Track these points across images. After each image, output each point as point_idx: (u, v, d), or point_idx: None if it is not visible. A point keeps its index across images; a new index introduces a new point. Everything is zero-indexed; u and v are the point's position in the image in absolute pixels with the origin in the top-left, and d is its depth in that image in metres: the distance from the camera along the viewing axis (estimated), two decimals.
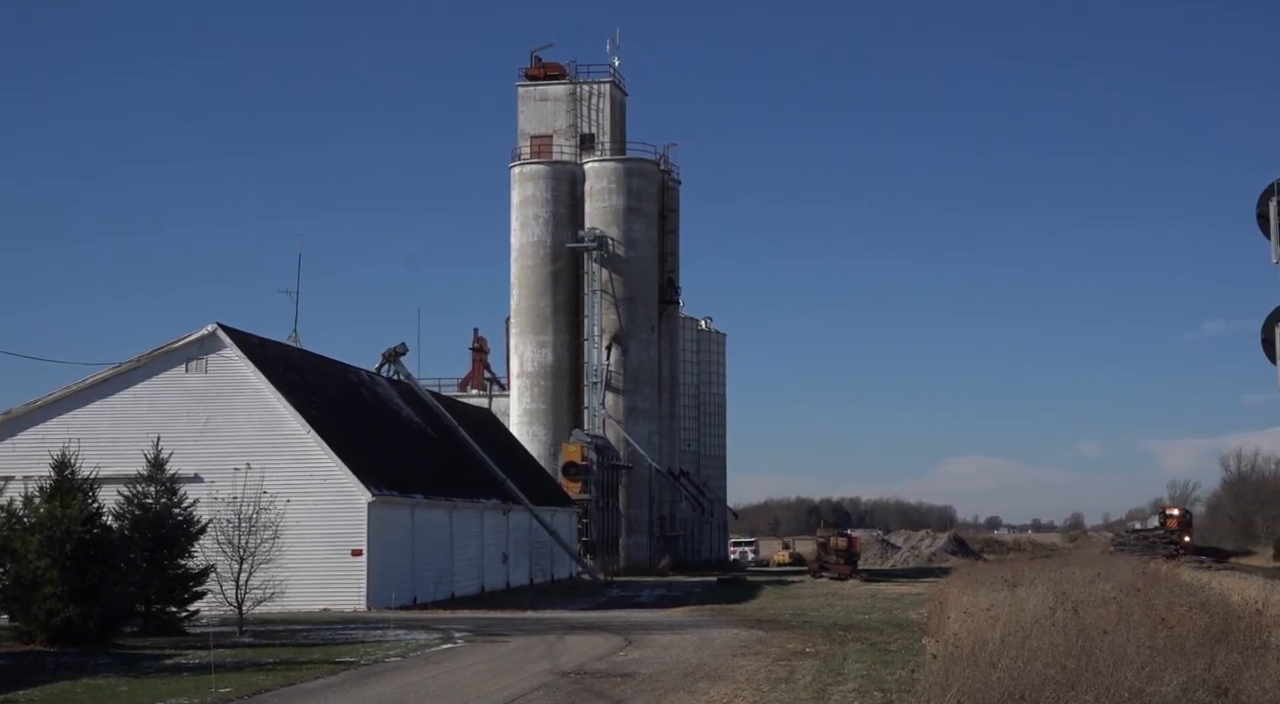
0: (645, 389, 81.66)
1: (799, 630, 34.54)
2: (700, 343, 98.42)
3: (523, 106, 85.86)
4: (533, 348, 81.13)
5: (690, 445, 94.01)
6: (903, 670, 24.23)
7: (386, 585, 43.01)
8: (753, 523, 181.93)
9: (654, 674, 24.52)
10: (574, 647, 30.25)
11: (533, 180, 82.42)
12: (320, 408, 45.86)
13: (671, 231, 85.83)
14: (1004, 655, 17.11)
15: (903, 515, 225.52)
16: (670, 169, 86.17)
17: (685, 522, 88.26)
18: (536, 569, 60.76)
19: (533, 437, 78.98)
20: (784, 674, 24.50)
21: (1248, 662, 17.77)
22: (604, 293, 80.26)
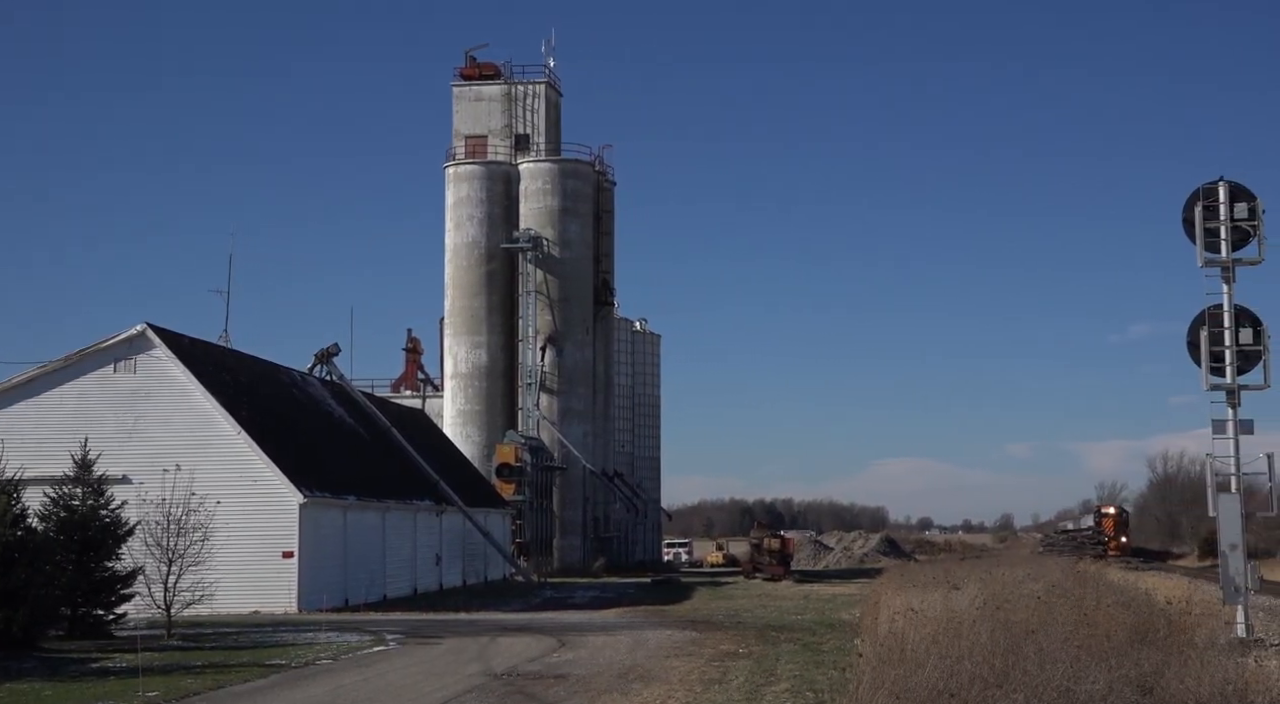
0: (580, 390, 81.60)
1: (732, 631, 34.63)
2: (635, 344, 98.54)
3: (457, 106, 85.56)
4: (467, 349, 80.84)
5: (625, 447, 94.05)
6: (835, 671, 24.37)
7: (318, 587, 42.70)
8: (687, 524, 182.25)
9: (587, 675, 24.51)
10: (507, 648, 30.17)
11: (467, 181, 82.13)
12: (251, 409, 45.46)
13: (606, 233, 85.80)
14: (934, 655, 17.26)
15: (835, 516, 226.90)
16: (605, 170, 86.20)
17: (619, 523, 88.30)
18: (470, 571, 60.55)
19: (466, 438, 78.69)
20: (717, 675, 24.56)
21: (1170, 660, 18.05)
22: (539, 294, 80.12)
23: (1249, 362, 30.76)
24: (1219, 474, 30.87)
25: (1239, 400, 30.67)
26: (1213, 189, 31.27)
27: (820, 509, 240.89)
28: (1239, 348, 30.61)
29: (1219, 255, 31.02)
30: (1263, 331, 30.70)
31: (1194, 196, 31.49)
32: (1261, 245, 31.15)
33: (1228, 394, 30.70)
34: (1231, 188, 31.19)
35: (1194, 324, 31.29)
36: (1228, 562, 30.21)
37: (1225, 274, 31.04)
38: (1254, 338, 30.64)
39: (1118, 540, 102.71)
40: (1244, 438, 30.70)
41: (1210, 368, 30.73)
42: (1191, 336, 31.24)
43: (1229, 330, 30.62)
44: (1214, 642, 24.38)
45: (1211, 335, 30.71)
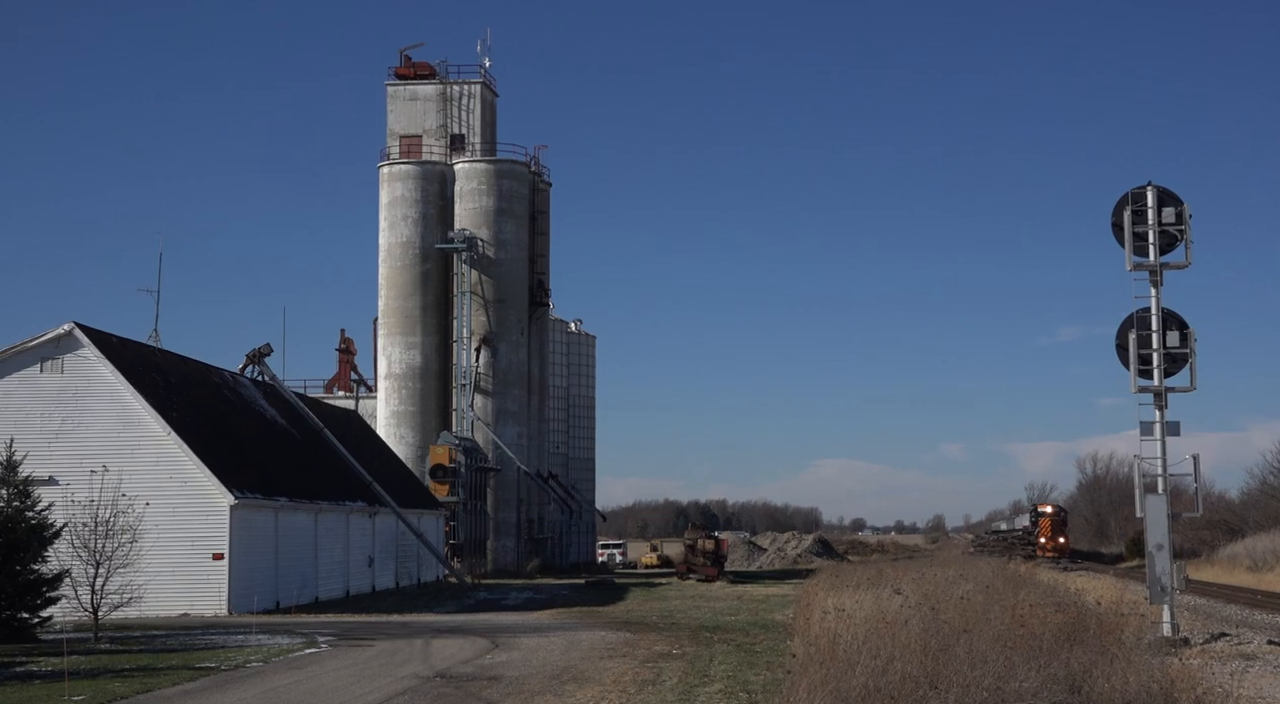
0: (514, 391, 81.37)
1: (666, 632, 34.67)
2: (570, 345, 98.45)
3: (392, 106, 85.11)
4: (401, 349, 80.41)
5: (559, 448, 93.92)
6: (768, 671, 24.46)
7: (249, 590, 42.32)
8: (621, 525, 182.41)
9: (521, 677, 24.45)
10: (440, 650, 30.04)
11: (402, 180, 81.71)
12: (181, 409, 44.98)
13: (542, 233, 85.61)
14: (865, 655, 17.35)
15: (769, 517, 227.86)
16: (541, 171, 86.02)
17: (553, 524, 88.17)
18: (403, 572, 60.23)
19: (400, 439, 78.28)
20: (651, 676, 24.57)
21: (1098, 660, 18.25)
22: (474, 294, 79.84)
23: (1176, 364, 31.20)
24: (1146, 475, 31.29)
25: (1166, 402, 31.10)
26: (1141, 194, 31.70)
27: (754, 510, 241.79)
28: (1166, 351, 31.05)
29: (1147, 259, 31.45)
30: (1189, 335, 31.15)
31: (1123, 201, 31.91)
32: (1188, 250, 31.63)
33: (1155, 396, 31.13)
34: (1159, 193, 31.63)
35: (1122, 327, 31.70)
36: (1154, 562, 30.62)
37: (1153, 278, 31.47)
38: (1181, 341, 31.09)
39: (1055, 541, 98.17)
40: (1171, 440, 31.15)
41: (1138, 370, 31.15)
42: (1120, 339, 31.65)
43: (1156, 333, 31.05)
44: (1141, 641, 24.69)
45: (1139, 338, 31.12)
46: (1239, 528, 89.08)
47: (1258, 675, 23.72)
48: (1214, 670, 23.67)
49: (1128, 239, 31.59)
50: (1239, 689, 20.92)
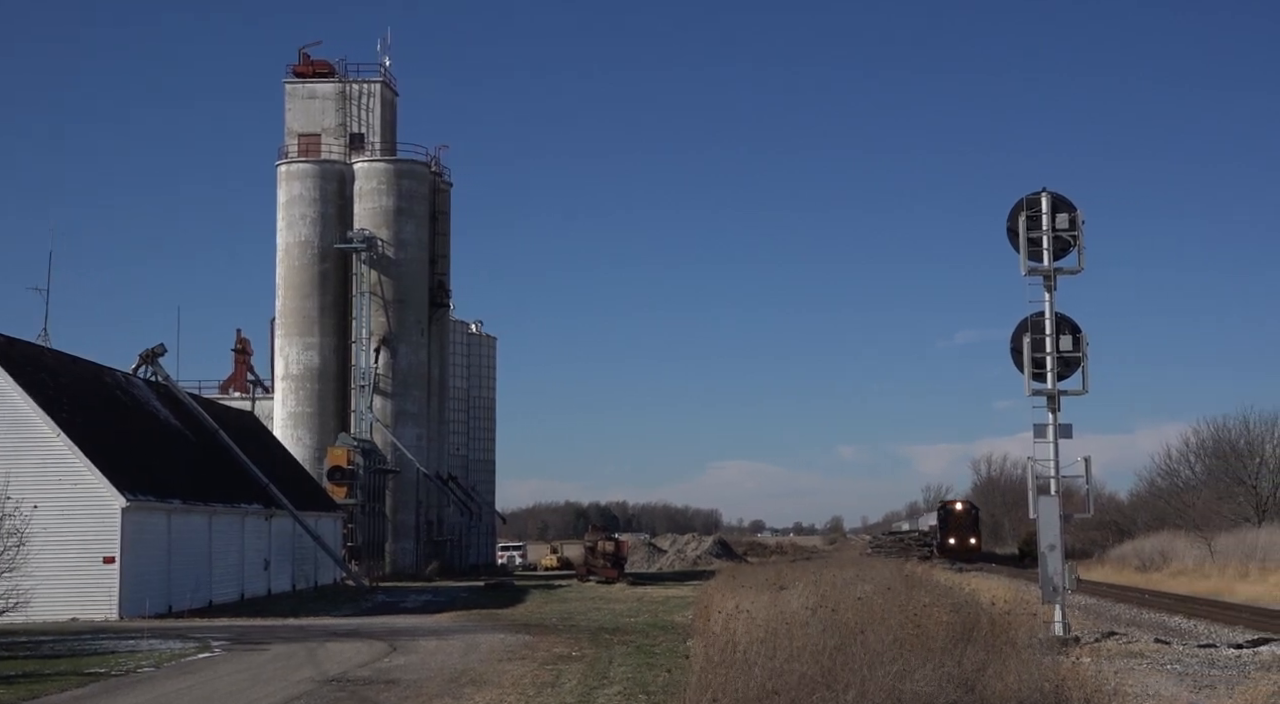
0: (414, 393, 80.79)
1: (565, 634, 34.60)
2: (470, 346, 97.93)
3: (290, 104, 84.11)
4: (299, 350, 79.49)
5: (459, 450, 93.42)
6: (667, 672, 24.47)
7: (140, 593, 41.57)
8: (521, 527, 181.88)
9: (418, 680, 24.26)
10: (336, 654, 29.71)
11: (300, 179, 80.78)
12: (71, 410, 44.07)
13: (442, 234, 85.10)
14: (764, 655, 17.42)
15: (670, 519, 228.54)
16: (441, 171, 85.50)
17: (453, 526, 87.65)
18: (300, 575, 59.53)
19: (297, 440, 77.36)
20: (550, 678, 24.50)
21: (991, 659, 18.49)
22: (373, 295, 79.14)
23: (1069, 368, 31.75)
24: (1039, 477, 31.81)
25: (1059, 405, 31.63)
26: (1035, 199, 32.22)
27: (655, 512, 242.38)
28: (1059, 354, 31.58)
29: (1041, 264, 31.98)
30: (1082, 339, 31.71)
31: (1018, 207, 32.41)
32: (1081, 255, 32.19)
33: (1048, 399, 31.65)
34: (1053, 199, 32.18)
35: (1017, 331, 32.19)
36: (1046, 562, 31.13)
37: (1047, 283, 32.01)
38: (1074, 345, 31.64)
39: (966, 541, 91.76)
40: (1063, 442, 31.68)
41: (1032, 374, 31.65)
42: (1015, 343, 32.14)
43: (1050, 337, 31.57)
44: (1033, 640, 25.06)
45: (1033, 342, 31.63)
46: (1128, 529, 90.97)
47: (1144, 673, 24.21)
48: (1103, 668, 24.10)
49: (1022, 244, 32.08)
50: (1127, 686, 21.32)
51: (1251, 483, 77.01)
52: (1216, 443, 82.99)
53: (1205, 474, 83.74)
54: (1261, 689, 19.16)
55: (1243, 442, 79.72)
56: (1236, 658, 27.63)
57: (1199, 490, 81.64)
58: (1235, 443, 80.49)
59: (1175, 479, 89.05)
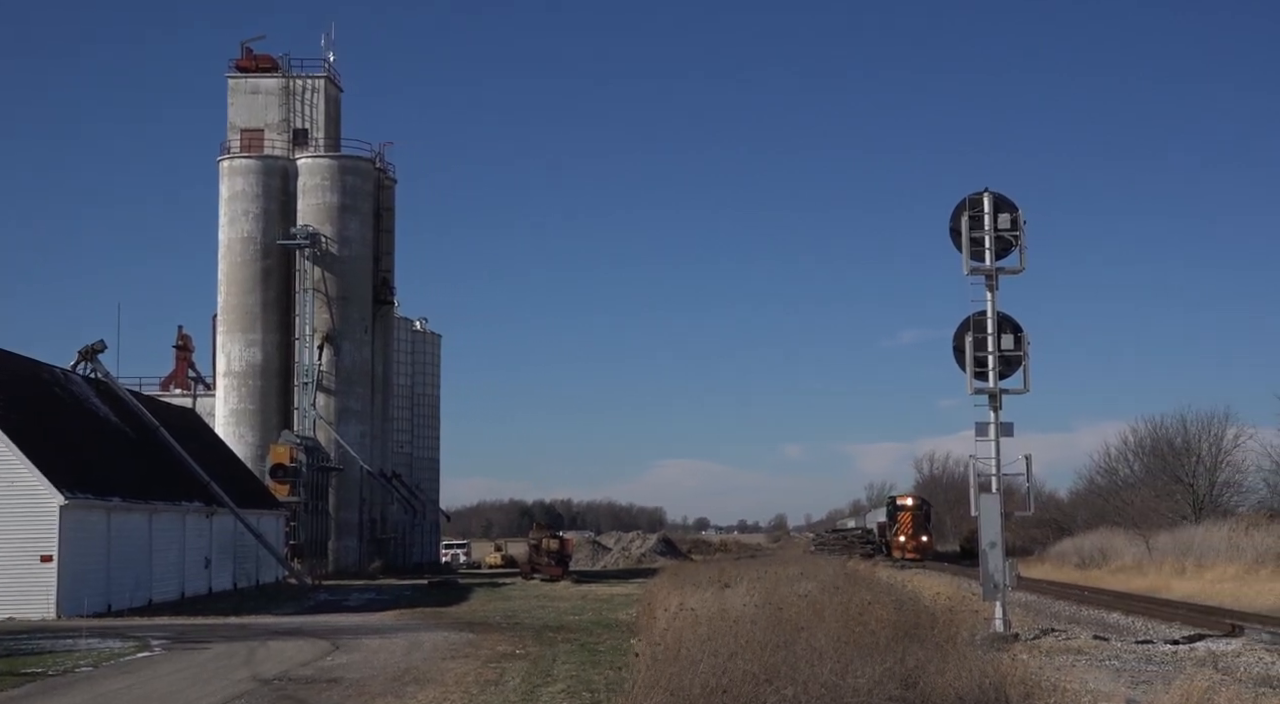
0: (358, 390, 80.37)
1: (509, 632, 34.55)
2: (415, 344, 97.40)
3: (232, 99, 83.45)
4: (241, 346, 78.88)
5: (403, 447, 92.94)
6: (611, 670, 24.50)
7: (79, 592, 41.13)
8: (465, 525, 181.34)
9: (361, 679, 24.14)
10: (278, 653, 29.51)
11: (243, 175, 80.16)
12: (7, 407, 43.50)
13: (387, 231, 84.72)
14: (708, 653, 17.47)
15: (614, 517, 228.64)
16: (386, 167, 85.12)
17: (397, 524, 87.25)
18: (241, 574, 59.09)
19: (239, 438, 76.78)
20: (494, 676, 24.45)
21: (933, 656, 18.63)
22: (316, 291, 78.64)
23: (1010, 367, 31.99)
24: (981, 475, 32.03)
25: (1000, 404, 31.87)
26: (978, 199, 32.44)
27: (599, 510, 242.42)
28: (1001, 353, 31.81)
29: (983, 264, 32.19)
30: (1023, 338, 31.96)
31: (961, 206, 32.62)
32: (1023, 255, 32.44)
33: (990, 398, 31.88)
34: (995, 199, 32.40)
35: (959, 330, 32.40)
36: (988, 559, 31.37)
37: (989, 282, 32.23)
38: (1015, 344, 31.88)
39: (918, 539, 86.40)
40: (1005, 440, 31.92)
41: (974, 373, 31.87)
42: (957, 342, 32.35)
43: (992, 336, 31.80)
44: (974, 637, 25.30)
45: (975, 341, 31.84)
46: (1068, 526, 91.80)
47: (1083, 669, 24.44)
48: (1043, 665, 24.33)
49: (965, 244, 32.30)
50: (1066, 683, 21.53)
51: (1189, 481, 77.94)
52: (1155, 442, 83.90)
53: (1144, 472, 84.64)
54: (1196, 685, 19.38)
55: (1180, 440, 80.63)
56: (1173, 654, 27.96)
57: (1137, 489, 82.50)
58: (1173, 441, 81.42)
59: (1114, 477, 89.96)
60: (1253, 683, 21.33)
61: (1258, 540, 58.08)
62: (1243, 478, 77.68)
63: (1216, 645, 29.81)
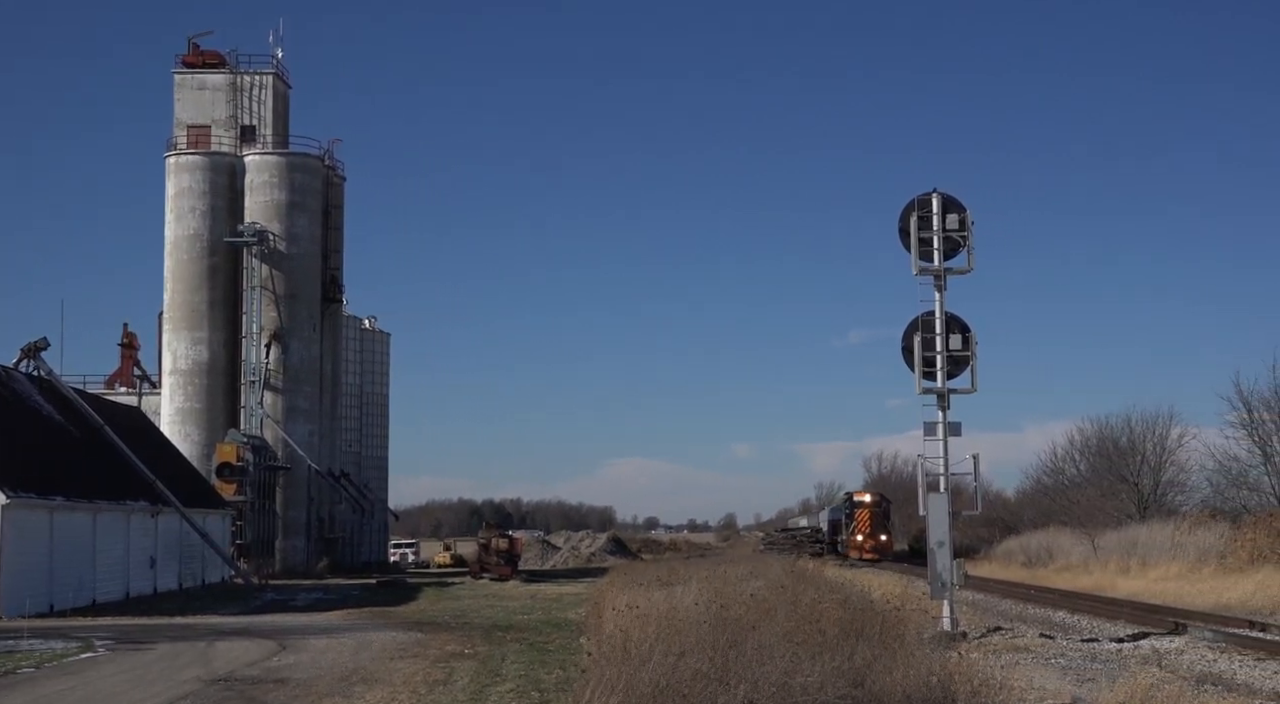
0: (306, 388, 79.87)
1: (458, 632, 34.44)
2: (364, 342, 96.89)
3: (179, 95, 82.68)
4: (187, 344, 78.21)
5: (351, 446, 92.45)
6: (560, 670, 24.47)
7: (21, 592, 40.62)
8: (414, 525, 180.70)
9: (308, 679, 23.99)
10: (224, 653, 29.28)
11: (189, 171, 79.47)
12: None
13: (335, 228, 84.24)
14: (658, 652, 17.46)
15: (564, 516, 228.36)
16: (335, 165, 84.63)
17: (345, 524, 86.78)
18: (187, 573, 58.58)
19: (185, 436, 76.13)
20: (442, 676, 24.36)
21: (881, 654, 18.71)
22: (264, 289, 78.09)
23: (958, 367, 32.17)
24: (929, 474, 32.21)
25: (949, 404, 32.05)
26: (926, 200, 32.61)
27: (549, 509, 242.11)
28: (949, 353, 31.99)
29: (932, 264, 32.37)
30: (971, 338, 32.16)
31: (909, 207, 32.79)
32: (970, 255, 32.63)
33: (938, 397, 32.05)
34: (944, 199, 32.58)
35: (908, 330, 32.56)
36: (935, 558, 31.54)
37: (937, 282, 32.40)
38: (963, 344, 32.07)
39: (876, 538, 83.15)
40: (952, 440, 32.11)
41: (923, 372, 32.04)
42: (906, 342, 32.51)
43: (940, 336, 31.97)
44: (922, 636, 25.42)
45: (924, 341, 32.01)
46: (1015, 525, 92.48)
47: (1030, 667, 24.63)
48: (989, 663, 24.51)
49: (913, 244, 32.46)
50: (1012, 681, 21.69)
51: (1134, 480, 78.70)
52: (1100, 441, 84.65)
53: (1089, 472, 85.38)
54: (1141, 682, 19.59)
55: (1125, 440, 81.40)
56: (1118, 652, 28.24)
57: (1083, 488, 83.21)
58: (1118, 441, 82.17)
59: (1060, 477, 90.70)
60: (1195, 680, 21.57)
61: (1200, 539, 58.72)
62: (1186, 477, 78.55)
63: (1160, 643, 30.13)
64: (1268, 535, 52.88)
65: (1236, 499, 66.25)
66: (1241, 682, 23.04)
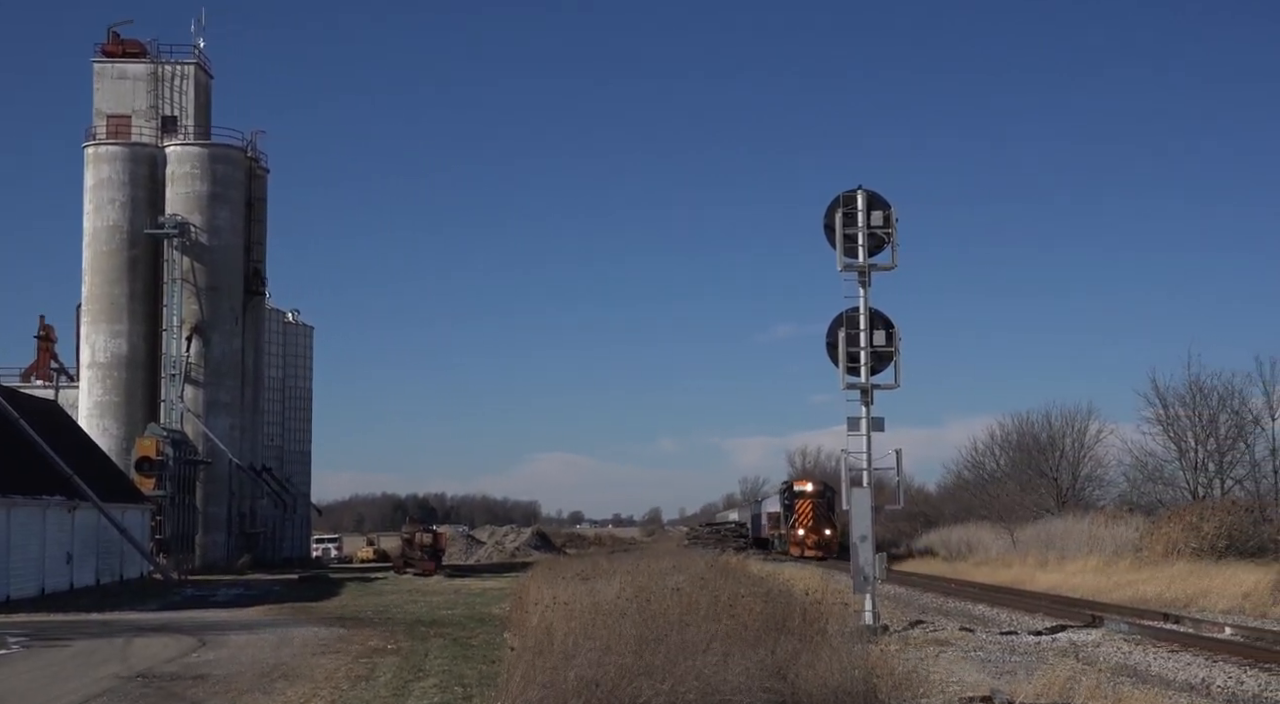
0: (227, 382, 79.04)
1: (381, 628, 34.25)
2: (287, 336, 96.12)
3: (99, 84, 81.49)
4: (106, 337, 77.13)
5: (274, 440, 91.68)
6: (484, 665, 24.40)
7: None
8: (337, 520, 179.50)
9: (228, 675, 23.75)
10: (143, 649, 28.93)
11: (109, 162, 78.36)
12: None
13: (258, 220, 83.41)
14: (581, 647, 17.46)
15: (488, 511, 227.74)
16: (258, 156, 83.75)
17: (267, 519, 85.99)
18: (105, 569, 57.76)
19: (104, 431, 75.10)
20: (364, 672, 24.21)
21: (804, 648, 18.82)
22: (185, 282, 77.13)
23: (882, 362, 32.39)
24: (852, 469, 32.41)
25: (872, 399, 32.27)
26: (851, 196, 32.80)
27: (473, 504, 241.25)
28: (873, 349, 32.20)
29: (856, 260, 32.55)
30: (894, 334, 32.39)
31: (835, 203, 32.96)
32: (894, 252, 32.86)
33: (862, 393, 32.26)
34: (869, 196, 32.79)
35: (832, 326, 32.74)
36: (858, 553, 31.77)
37: (862, 278, 32.60)
38: (886, 340, 32.29)
39: (820, 532, 76.02)
40: (876, 435, 32.31)
41: (846, 368, 32.22)
42: (830, 337, 32.69)
43: (864, 332, 32.18)
44: (845, 629, 25.59)
45: (848, 337, 32.20)
46: (936, 519, 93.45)
47: (950, 660, 24.89)
48: (910, 656, 24.74)
49: (839, 240, 32.64)
50: (933, 674, 21.92)
51: (1053, 475, 79.76)
52: (1020, 436, 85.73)
53: (1009, 467, 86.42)
54: (1058, 674, 19.84)
55: (1045, 435, 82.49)
56: (1036, 644, 28.60)
57: (1003, 483, 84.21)
58: (1038, 437, 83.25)
59: (981, 471, 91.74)
60: (1111, 672, 21.87)
61: (1117, 533, 59.62)
62: (1104, 472, 79.79)
63: (1077, 636, 30.55)
64: (1182, 530, 53.77)
65: (1152, 494, 67.36)
66: (1156, 673, 23.43)
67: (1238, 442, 61.36)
